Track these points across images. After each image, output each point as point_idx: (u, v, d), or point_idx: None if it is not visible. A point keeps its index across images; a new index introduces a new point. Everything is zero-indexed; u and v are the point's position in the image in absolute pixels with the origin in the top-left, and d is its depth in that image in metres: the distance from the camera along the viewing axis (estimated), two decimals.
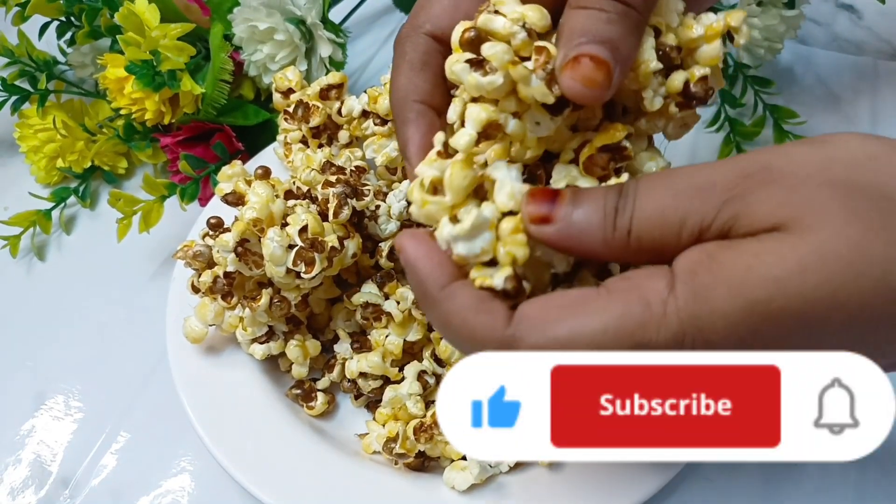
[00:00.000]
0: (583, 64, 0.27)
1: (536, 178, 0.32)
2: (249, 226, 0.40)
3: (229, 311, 0.43)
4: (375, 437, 0.42)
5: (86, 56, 0.61)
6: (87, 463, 0.48)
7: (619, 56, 0.27)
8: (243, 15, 0.55)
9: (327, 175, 0.45)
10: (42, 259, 0.59)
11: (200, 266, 0.43)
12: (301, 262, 0.40)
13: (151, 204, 0.52)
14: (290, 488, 0.40)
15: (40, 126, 0.59)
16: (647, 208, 0.26)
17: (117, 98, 0.53)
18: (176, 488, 0.47)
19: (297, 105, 0.50)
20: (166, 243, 0.56)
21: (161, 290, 0.48)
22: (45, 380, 0.52)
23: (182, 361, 0.45)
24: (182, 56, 0.52)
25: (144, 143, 0.57)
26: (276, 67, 0.56)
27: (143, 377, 0.51)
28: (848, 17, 0.66)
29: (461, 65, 0.29)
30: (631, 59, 0.28)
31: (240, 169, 0.47)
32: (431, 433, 0.40)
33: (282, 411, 0.44)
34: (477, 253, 0.28)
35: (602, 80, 0.27)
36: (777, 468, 0.44)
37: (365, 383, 0.44)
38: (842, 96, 0.61)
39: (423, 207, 0.29)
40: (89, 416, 0.50)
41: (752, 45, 0.57)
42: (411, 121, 0.33)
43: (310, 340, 0.45)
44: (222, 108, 0.55)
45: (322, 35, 0.56)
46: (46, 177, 0.61)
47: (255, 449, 0.42)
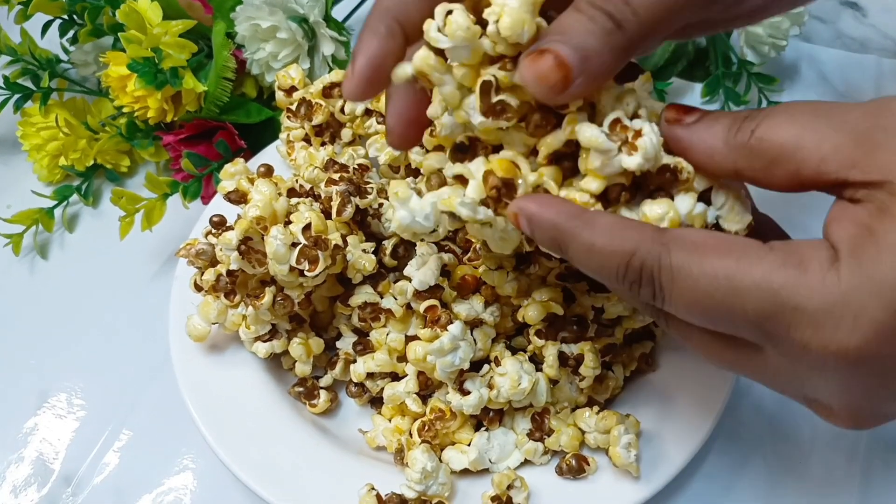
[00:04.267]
0: (544, 59, 0.27)
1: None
2: (253, 224, 0.40)
3: (232, 310, 0.43)
4: (381, 432, 0.43)
5: (88, 54, 0.61)
6: (90, 461, 0.48)
7: (586, 67, 0.27)
8: (246, 13, 0.55)
9: (330, 173, 0.45)
10: (45, 257, 0.59)
11: (203, 264, 0.43)
12: (304, 260, 0.39)
13: (154, 202, 0.52)
14: (293, 486, 0.40)
15: (43, 124, 0.59)
16: (777, 116, 0.26)
17: (120, 96, 0.53)
18: (178, 486, 0.47)
19: (300, 103, 0.50)
20: (169, 241, 0.56)
21: (164, 289, 0.48)
22: (47, 378, 0.52)
23: (185, 360, 0.44)
24: (184, 53, 0.52)
25: (147, 141, 0.57)
26: (279, 65, 0.56)
27: (145, 375, 0.51)
28: (852, 14, 0.66)
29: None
30: (600, 76, 0.28)
31: (242, 167, 0.46)
32: (434, 430, 0.41)
33: (284, 409, 0.44)
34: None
35: (556, 82, 0.27)
36: (780, 464, 0.44)
37: (373, 384, 0.44)
38: (846, 94, 0.61)
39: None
40: (92, 414, 0.50)
41: (756, 42, 0.57)
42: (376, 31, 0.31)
43: (313, 338, 0.45)
44: (225, 106, 0.55)
45: (325, 33, 0.56)
46: (49, 175, 0.61)
47: (258, 447, 0.42)
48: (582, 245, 0.28)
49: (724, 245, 0.26)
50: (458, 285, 0.41)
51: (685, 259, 0.26)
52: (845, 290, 0.23)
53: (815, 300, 0.24)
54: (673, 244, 0.26)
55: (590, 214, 0.28)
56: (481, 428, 0.42)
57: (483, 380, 0.40)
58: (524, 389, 0.39)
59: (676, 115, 0.29)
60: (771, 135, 0.26)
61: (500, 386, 0.39)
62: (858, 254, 0.24)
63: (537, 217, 0.29)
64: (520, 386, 0.39)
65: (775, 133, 0.26)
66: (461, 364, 0.39)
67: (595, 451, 0.40)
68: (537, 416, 0.41)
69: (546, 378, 0.40)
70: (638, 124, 0.29)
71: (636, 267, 0.27)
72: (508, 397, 0.39)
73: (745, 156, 0.27)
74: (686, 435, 0.40)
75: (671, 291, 0.26)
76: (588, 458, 0.40)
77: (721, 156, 0.28)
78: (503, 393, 0.39)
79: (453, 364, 0.39)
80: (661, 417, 0.41)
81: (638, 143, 0.28)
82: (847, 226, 0.25)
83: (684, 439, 0.40)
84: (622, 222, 0.28)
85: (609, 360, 0.41)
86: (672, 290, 0.26)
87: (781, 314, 0.24)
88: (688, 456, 0.40)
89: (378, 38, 0.30)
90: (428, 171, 0.33)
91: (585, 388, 0.41)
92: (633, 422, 0.40)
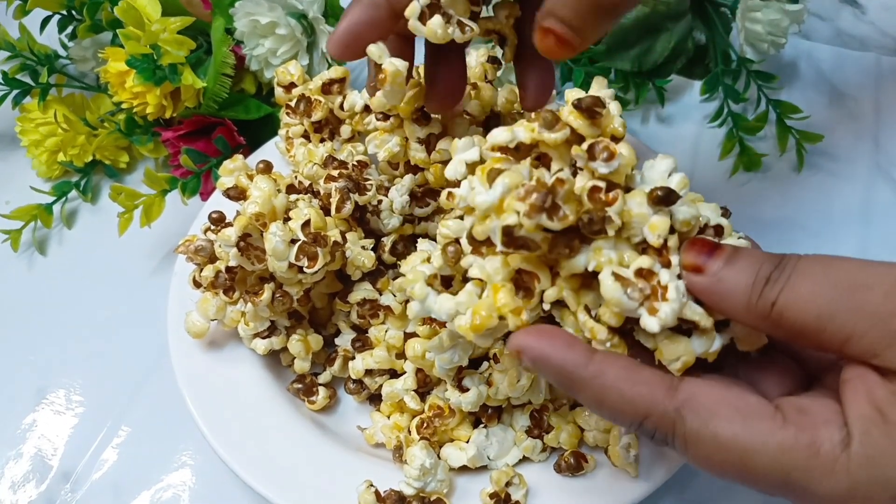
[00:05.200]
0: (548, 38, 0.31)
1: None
2: (252, 220, 0.40)
3: (231, 306, 0.43)
4: (380, 428, 0.43)
5: (87, 50, 0.61)
6: (89, 457, 0.48)
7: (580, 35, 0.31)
8: (245, 9, 0.55)
9: (329, 170, 0.45)
10: (43, 253, 0.59)
11: (202, 261, 0.43)
12: (303, 256, 0.39)
13: (153, 198, 0.52)
14: (291, 483, 0.40)
15: (42, 120, 0.59)
16: (799, 288, 0.26)
17: (118, 92, 0.53)
18: (177, 482, 0.47)
19: (299, 99, 0.50)
20: (168, 238, 0.56)
21: (162, 285, 0.48)
22: (46, 374, 0.52)
23: (183, 356, 0.44)
24: (183, 50, 0.52)
25: (146, 137, 0.57)
26: (278, 62, 0.56)
27: (144, 372, 0.51)
28: (851, 11, 0.66)
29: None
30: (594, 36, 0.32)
31: (241, 163, 0.46)
32: (433, 427, 0.41)
33: (283, 406, 0.44)
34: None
35: (562, 53, 0.32)
36: None
37: (372, 381, 0.44)
38: (845, 92, 0.61)
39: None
40: (90, 410, 0.50)
41: (755, 39, 0.57)
42: (365, 3, 0.35)
43: (312, 335, 0.45)
44: (224, 102, 0.55)
45: (324, 29, 0.56)
46: (48, 171, 0.61)
47: (257, 444, 0.42)
48: (592, 397, 0.28)
49: (739, 416, 0.26)
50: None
51: (699, 428, 0.26)
52: (854, 483, 0.24)
53: (825, 486, 0.25)
54: (686, 410, 0.27)
55: (597, 364, 0.28)
56: (480, 425, 0.42)
57: (482, 377, 0.40)
58: (523, 386, 0.39)
59: (695, 262, 0.28)
60: (792, 313, 0.26)
61: (499, 383, 0.39)
62: (870, 443, 0.24)
63: (542, 361, 0.29)
64: (518, 383, 0.39)
65: (796, 311, 0.26)
66: (460, 361, 0.39)
67: (593, 449, 0.40)
68: (536, 413, 0.41)
69: None
70: (665, 278, 0.28)
71: (649, 429, 0.28)
72: (507, 394, 0.39)
73: (766, 325, 0.27)
74: None
75: (686, 452, 0.27)
76: (586, 456, 0.40)
77: (742, 318, 0.28)
78: (502, 390, 0.39)
79: (452, 361, 0.39)
80: None
81: (661, 307, 0.28)
82: (863, 404, 0.25)
83: None
84: (633, 377, 0.28)
85: None
86: (686, 452, 0.27)
87: (795, 490, 0.25)
88: None
89: (364, 7, 0.35)
90: (444, 240, 0.34)
91: None
92: None
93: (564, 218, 0.27)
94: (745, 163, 0.56)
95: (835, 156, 0.57)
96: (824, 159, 0.57)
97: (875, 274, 0.26)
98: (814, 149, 0.57)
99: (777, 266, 0.27)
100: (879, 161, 0.57)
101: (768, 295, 0.26)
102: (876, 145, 0.57)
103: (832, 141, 0.57)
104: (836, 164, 0.57)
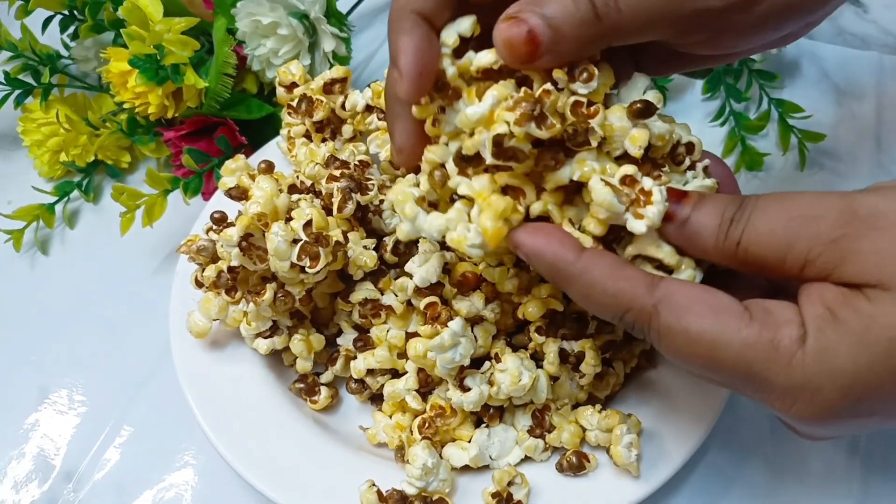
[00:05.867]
0: (518, 28, 0.28)
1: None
2: (253, 220, 0.40)
3: (233, 306, 0.43)
4: (382, 428, 0.43)
5: (89, 50, 0.61)
6: (91, 457, 0.48)
7: (554, 48, 0.29)
8: (247, 9, 0.55)
9: (331, 169, 0.45)
10: (45, 253, 0.59)
11: (204, 261, 0.43)
12: (305, 256, 0.39)
13: (155, 198, 0.52)
14: (293, 482, 0.40)
15: (44, 120, 0.59)
16: (759, 226, 0.28)
17: (121, 92, 0.53)
18: (179, 482, 0.47)
19: (301, 99, 0.50)
20: (170, 238, 0.56)
21: (164, 285, 0.48)
22: (48, 374, 0.52)
23: (186, 356, 0.45)
24: (186, 50, 0.52)
25: (148, 137, 0.57)
26: (280, 62, 0.56)
27: (146, 372, 0.51)
28: (854, 10, 0.66)
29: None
30: (567, 57, 0.30)
31: (243, 163, 0.46)
32: (435, 426, 0.41)
33: (285, 406, 0.44)
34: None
35: (523, 54, 0.29)
36: (779, 461, 0.44)
37: (374, 381, 0.44)
38: (847, 91, 0.61)
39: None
40: (93, 410, 0.50)
41: None
42: (406, 31, 0.31)
43: (314, 335, 0.45)
44: (225, 102, 0.55)
45: (325, 29, 0.56)
46: (50, 171, 0.61)
47: (259, 443, 0.42)
48: (580, 291, 0.30)
49: (711, 312, 0.28)
50: (459, 282, 0.41)
51: (673, 323, 0.28)
52: (807, 375, 0.27)
53: (781, 378, 0.27)
54: (662, 305, 0.29)
55: (586, 259, 0.30)
56: (482, 424, 0.42)
57: (483, 376, 0.40)
58: (525, 386, 0.39)
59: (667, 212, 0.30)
60: (756, 248, 0.28)
61: (501, 382, 0.39)
62: (822, 339, 0.27)
63: (536, 256, 0.30)
64: (520, 382, 0.39)
65: (759, 246, 0.28)
66: (461, 361, 0.39)
67: (595, 449, 0.40)
68: (538, 412, 0.41)
69: (546, 375, 0.40)
70: (648, 184, 0.30)
71: (630, 321, 0.30)
72: (509, 394, 0.39)
73: (733, 261, 0.29)
74: (686, 432, 0.40)
75: (659, 344, 0.29)
76: (588, 455, 0.40)
77: (713, 257, 0.30)
78: (504, 389, 0.39)
79: (454, 361, 0.39)
80: (660, 414, 0.41)
81: (646, 211, 0.30)
82: (817, 305, 0.27)
83: (684, 436, 0.40)
84: (617, 274, 0.29)
85: (609, 357, 0.42)
86: (660, 343, 0.29)
87: (755, 382, 0.28)
88: (687, 453, 0.40)
89: (410, 35, 0.31)
90: (430, 165, 0.33)
91: (586, 385, 0.41)
92: (634, 421, 0.40)
93: (552, 127, 0.29)
94: (747, 162, 0.56)
95: (837, 155, 0.57)
96: (826, 158, 0.57)
97: (825, 205, 0.28)
98: (816, 148, 0.56)
99: (739, 207, 0.29)
100: (882, 160, 0.56)
101: (733, 234, 0.29)
102: (878, 144, 0.57)
103: (834, 140, 0.57)
104: (839, 163, 0.57)
